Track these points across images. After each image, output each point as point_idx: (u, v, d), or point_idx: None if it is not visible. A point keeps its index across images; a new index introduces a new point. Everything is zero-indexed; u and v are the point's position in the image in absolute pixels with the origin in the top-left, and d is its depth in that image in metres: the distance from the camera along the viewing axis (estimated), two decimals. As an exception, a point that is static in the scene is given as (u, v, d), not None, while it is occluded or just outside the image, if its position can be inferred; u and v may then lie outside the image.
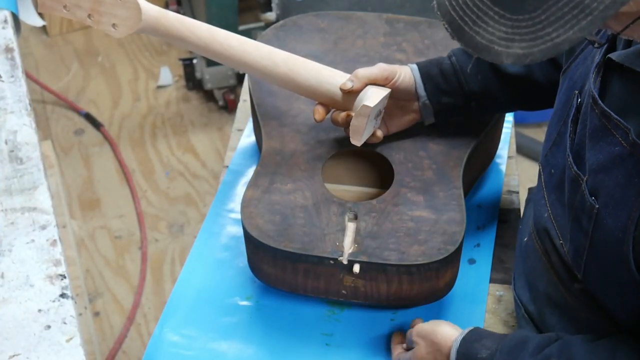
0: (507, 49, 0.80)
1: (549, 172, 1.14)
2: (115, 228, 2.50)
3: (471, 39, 0.82)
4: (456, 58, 1.31)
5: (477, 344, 1.12)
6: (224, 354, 1.28)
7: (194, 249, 1.42)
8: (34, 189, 1.33)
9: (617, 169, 0.96)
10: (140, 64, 3.01)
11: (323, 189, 1.29)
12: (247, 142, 1.59)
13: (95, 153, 2.73)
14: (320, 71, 1.29)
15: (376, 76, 1.28)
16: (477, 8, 0.80)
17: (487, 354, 1.10)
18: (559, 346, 1.06)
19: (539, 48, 0.78)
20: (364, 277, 1.22)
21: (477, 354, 1.11)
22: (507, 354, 1.09)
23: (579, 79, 1.09)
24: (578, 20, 0.76)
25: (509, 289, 1.37)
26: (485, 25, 0.80)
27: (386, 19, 1.56)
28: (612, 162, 0.97)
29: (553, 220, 1.12)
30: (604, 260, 1.01)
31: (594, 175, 1.00)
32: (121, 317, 2.28)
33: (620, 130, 0.95)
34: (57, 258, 1.24)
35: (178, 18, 1.23)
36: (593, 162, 1.00)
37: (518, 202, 1.50)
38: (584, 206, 1.01)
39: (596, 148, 0.99)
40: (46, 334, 1.16)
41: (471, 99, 1.32)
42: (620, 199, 0.95)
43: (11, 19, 1.66)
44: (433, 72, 1.31)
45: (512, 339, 1.11)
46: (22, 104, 1.46)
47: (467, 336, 1.13)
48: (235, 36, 1.27)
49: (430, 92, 1.31)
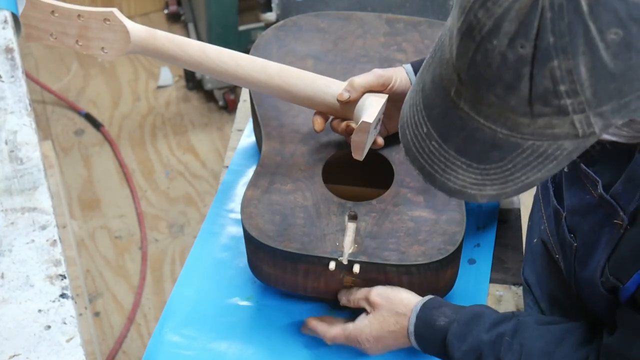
0: (480, 192, 0.80)
1: (545, 185, 1.15)
2: (115, 228, 2.50)
3: (443, 184, 0.82)
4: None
5: (436, 311, 1.16)
6: (224, 354, 1.28)
7: (194, 249, 1.42)
8: (34, 189, 1.33)
9: (589, 214, 0.98)
10: (140, 64, 3.01)
11: (323, 189, 1.29)
12: (247, 142, 1.59)
13: (95, 153, 2.73)
14: (316, 81, 1.27)
15: (372, 84, 1.26)
16: (444, 158, 0.80)
17: (445, 322, 1.14)
18: (513, 326, 1.10)
19: (511, 189, 0.78)
20: (364, 277, 1.22)
21: (435, 320, 1.15)
22: (464, 325, 1.13)
23: None
24: (544, 165, 0.76)
25: (509, 289, 1.37)
26: (455, 173, 0.80)
27: (386, 19, 1.56)
28: (585, 209, 0.99)
29: (549, 234, 1.13)
30: (588, 288, 1.04)
31: (571, 215, 1.03)
32: (121, 317, 2.28)
33: (589, 181, 0.97)
34: (57, 258, 1.24)
35: (167, 37, 1.22)
36: (569, 204, 1.03)
37: (518, 202, 1.50)
38: (565, 240, 1.05)
39: (571, 191, 1.02)
40: (46, 334, 1.16)
41: None
42: (592, 243, 0.98)
43: (11, 19, 1.66)
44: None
45: (470, 311, 1.15)
46: (22, 104, 1.46)
47: (427, 302, 1.18)
48: (227, 52, 1.26)
49: None
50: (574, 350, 1.06)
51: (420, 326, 1.17)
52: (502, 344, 1.09)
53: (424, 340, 1.17)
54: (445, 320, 1.15)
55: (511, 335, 1.10)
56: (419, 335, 1.17)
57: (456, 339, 1.13)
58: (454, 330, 1.13)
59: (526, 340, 1.08)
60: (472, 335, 1.12)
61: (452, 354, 1.13)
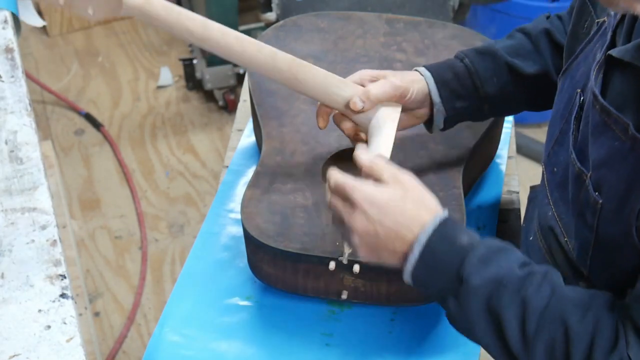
0: None
1: (551, 171, 1.14)
2: (115, 228, 2.50)
3: None
4: (469, 60, 1.27)
5: (458, 227, 1.01)
6: (224, 354, 1.28)
7: (194, 249, 1.42)
8: (34, 189, 1.33)
9: (618, 163, 0.97)
10: (140, 64, 3.01)
11: (323, 189, 1.29)
12: (247, 142, 1.59)
13: (95, 153, 2.73)
14: (327, 79, 1.22)
15: (390, 96, 1.22)
16: None
17: (468, 241, 0.99)
18: (545, 270, 1.00)
19: None
20: (364, 277, 1.22)
21: (457, 236, 0.99)
22: (491, 251, 0.99)
23: (580, 78, 1.09)
24: None
25: (509, 289, 1.36)
26: None
27: (386, 19, 1.56)
28: (614, 157, 0.97)
29: (557, 218, 1.12)
30: (610, 254, 1.01)
31: (597, 170, 1.00)
32: (121, 317, 2.28)
33: (619, 126, 0.96)
34: (57, 258, 1.24)
35: (165, 6, 1.13)
36: (595, 157, 1.01)
37: (518, 202, 1.50)
38: (588, 202, 1.02)
39: (598, 143, 1.00)
40: (46, 334, 1.16)
41: (485, 102, 1.29)
42: (623, 192, 0.96)
43: (11, 19, 1.66)
44: (447, 77, 1.26)
45: (496, 242, 1.02)
46: (22, 104, 1.46)
47: (450, 218, 1.02)
48: (233, 33, 1.18)
49: (445, 98, 1.26)
50: (609, 309, 0.97)
51: (436, 238, 0.99)
52: (531, 282, 0.97)
53: (435, 256, 0.99)
54: (468, 240, 0.99)
55: (543, 274, 0.98)
56: (431, 249, 0.99)
57: (480, 262, 0.97)
58: (479, 252, 0.98)
59: (558, 286, 0.98)
60: (500, 264, 0.98)
61: (469, 279, 0.97)
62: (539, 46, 1.30)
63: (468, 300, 0.98)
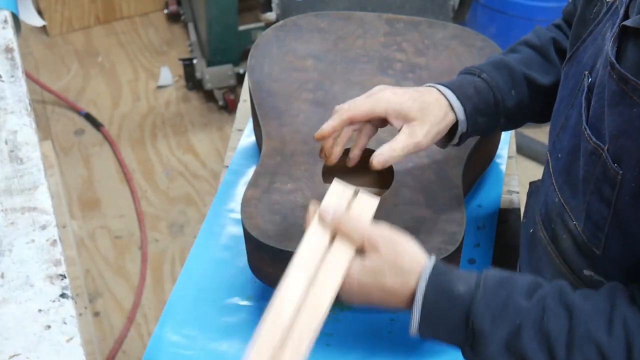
0: None
1: (556, 157, 1.14)
2: (115, 228, 2.50)
3: None
4: (487, 75, 1.24)
5: (451, 276, 0.97)
6: (224, 354, 1.28)
7: (194, 249, 1.42)
8: (34, 189, 1.33)
9: (638, 130, 0.94)
10: (140, 64, 3.01)
11: (323, 189, 1.29)
12: (247, 142, 1.59)
13: (95, 153, 2.73)
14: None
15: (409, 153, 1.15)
16: None
17: (466, 289, 0.96)
18: (551, 289, 0.97)
19: None
20: (364, 277, 1.22)
21: (453, 287, 0.96)
22: (492, 292, 0.95)
23: (588, 60, 1.09)
24: None
25: (509, 289, 1.36)
26: None
27: (386, 19, 1.56)
28: (633, 125, 0.95)
29: (564, 203, 1.12)
30: (629, 227, 0.98)
31: (616, 141, 0.98)
32: (121, 317, 2.28)
33: (638, 92, 0.95)
34: (57, 258, 1.24)
35: None
36: (613, 128, 0.98)
37: (518, 202, 1.50)
38: (606, 175, 0.99)
39: (615, 113, 0.98)
40: (46, 334, 1.16)
41: (502, 116, 1.26)
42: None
43: (11, 19, 1.66)
44: (470, 93, 1.21)
45: (494, 275, 0.98)
46: (22, 104, 1.46)
47: (436, 266, 0.98)
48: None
49: (469, 114, 1.21)
50: (630, 303, 0.93)
51: (432, 295, 0.95)
52: (545, 311, 0.93)
53: (437, 312, 0.96)
54: (465, 286, 0.95)
55: (553, 297, 0.94)
56: (431, 308, 0.96)
57: (486, 308, 0.94)
58: (481, 298, 0.94)
59: (574, 302, 0.93)
60: (506, 302, 0.94)
61: (480, 328, 0.94)
62: (549, 57, 1.29)
63: (485, 347, 0.95)
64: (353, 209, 1.04)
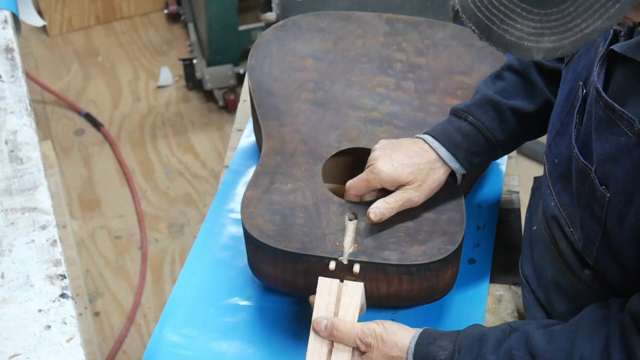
0: (537, 44, 0.81)
1: (552, 162, 1.14)
2: (115, 228, 2.50)
3: (500, 37, 0.82)
4: (473, 117, 1.27)
5: (433, 347, 1.10)
6: (224, 354, 1.28)
7: (194, 249, 1.42)
8: (34, 189, 1.33)
9: (625, 158, 0.97)
10: (140, 64, 3.01)
11: (323, 189, 1.29)
12: (247, 142, 1.59)
13: (95, 153, 2.73)
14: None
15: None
16: (503, 6, 0.81)
17: (446, 355, 1.09)
18: (517, 339, 1.07)
19: (569, 40, 0.79)
20: (364, 277, 1.22)
21: (435, 357, 1.10)
22: (467, 353, 1.08)
23: (582, 70, 1.09)
24: (606, 9, 0.77)
25: (509, 289, 1.37)
26: (513, 22, 0.81)
27: (386, 19, 1.56)
28: (620, 152, 0.97)
29: (561, 209, 1.12)
30: (619, 246, 1.02)
31: (603, 165, 1.00)
32: (121, 317, 2.28)
33: (624, 121, 0.96)
34: (57, 258, 1.24)
35: None
36: (600, 152, 1.01)
37: (518, 202, 1.50)
38: (595, 195, 1.02)
39: (602, 139, 1.00)
40: (46, 334, 1.16)
41: (497, 148, 1.30)
42: (631, 186, 0.96)
43: (11, 19, 1.66)
44: (458, 140, 1.26)
45: (468, 336, 1.11)
46: (22, 104, 1.46)
47: (420, 340, 1.12)
48: None
49: (462, 160, 1.27)
50: (591, 340, 1.02)
51: None
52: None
53: None
54: (444, 353, 1.09)
55: (519, 348, 1.06)
56: None
57: None
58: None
59: (537, 348, 1.05)
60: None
61: None
62: (531, 80, 1.30)
63: None
64: (342, 299, 1.18)
